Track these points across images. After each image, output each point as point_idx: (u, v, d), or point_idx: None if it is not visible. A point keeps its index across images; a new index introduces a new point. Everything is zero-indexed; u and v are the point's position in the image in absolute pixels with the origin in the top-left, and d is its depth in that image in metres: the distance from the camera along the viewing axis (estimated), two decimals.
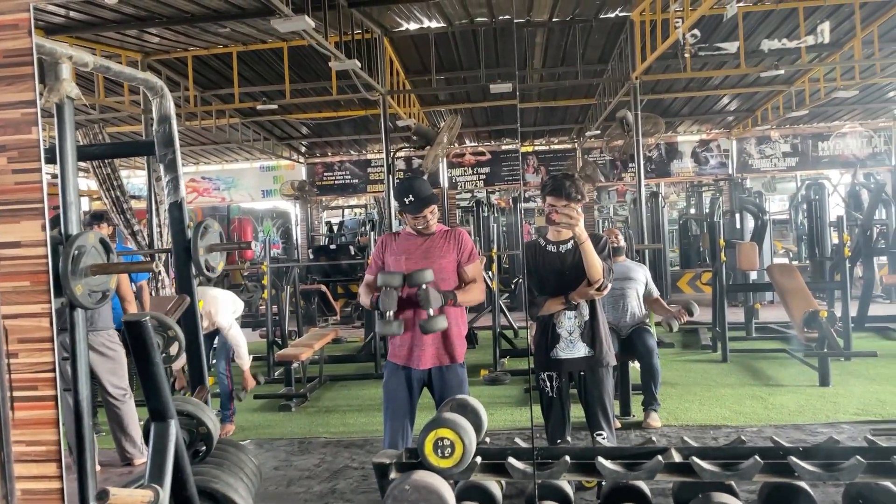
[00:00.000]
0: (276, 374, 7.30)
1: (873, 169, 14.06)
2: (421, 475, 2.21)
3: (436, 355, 3.27)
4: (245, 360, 5.39)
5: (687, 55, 7.75)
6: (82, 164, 8.57)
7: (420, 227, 3.33)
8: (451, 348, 3.30)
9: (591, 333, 3.43)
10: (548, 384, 3.50)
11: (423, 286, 3.10)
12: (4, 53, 1.85)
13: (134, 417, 4.79)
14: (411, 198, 3.26)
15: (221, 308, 5.28)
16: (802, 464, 2.11)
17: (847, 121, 14.69)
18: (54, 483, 1.86)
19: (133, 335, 2.25)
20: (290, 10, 6.13)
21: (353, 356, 8.37)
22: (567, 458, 2.26)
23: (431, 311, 3.10)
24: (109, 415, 4.75)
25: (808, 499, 2.30)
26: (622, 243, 5.49)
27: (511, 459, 2.29)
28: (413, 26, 8.99)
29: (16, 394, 1.86)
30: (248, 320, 10.31)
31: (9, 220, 1.88)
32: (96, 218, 5.56)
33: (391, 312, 3.15)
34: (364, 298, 3.49)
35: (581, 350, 3.44)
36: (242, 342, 5.34)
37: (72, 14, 7.42)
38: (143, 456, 4.68)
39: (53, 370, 1.90)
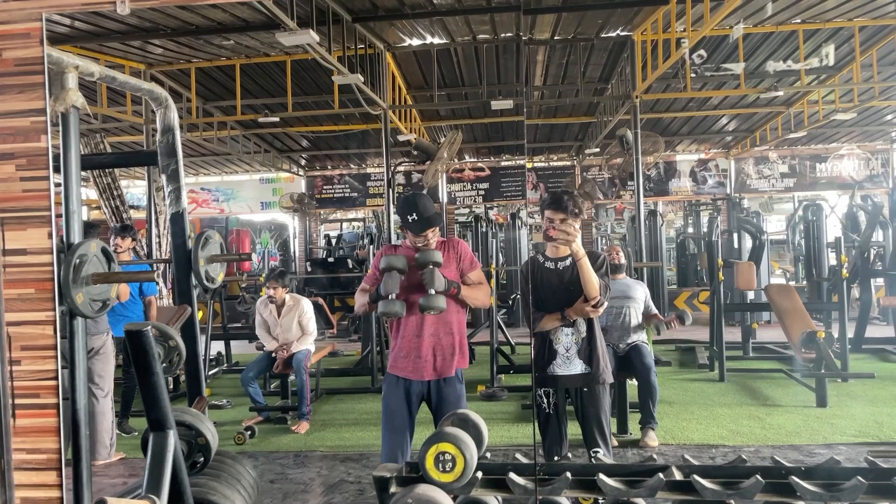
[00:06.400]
0: (272, 386, 7.27)
1: (871, 191, 14.12)
2: (423, 489, 2.20)
3: (438, 365, 3.27)
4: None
5: (693, 74, 7.80)
6: (83, 173, 8.59)
7: (419, 246, 3.32)
8: (453, 357, 3.30)
9: (588, 350, 3.42)
10: (545, 400, 3.49)
11: (430, 266, 3.11)
12: (15, 62, 1.87)
13: (108, 417, 5.00)
14: (415, 216, 3.23)
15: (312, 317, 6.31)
16: (804, 483, 2.11)
17: (845, 143, 14.78)
18: (54, 492, 1.86)
19: (134, 345, 2.24)
20: (295, 24, 6.17)
21: (349, 370, 8.34)
22: (568, 474, 2.26)
23: (433, 291, 3.09)
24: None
25: None
26: (623, 261, 5.49)
27: (512, 475, 2.28)
28: (416, 42, 9.05)
29: (17, 401, 1.85)
30: (245, 332, 10.28)
31: (16, 228, 1.89)
32: (124, 230, 5.63)
33: (393, 294, 3.15)
34: (359, 301, 3.45)
35: (578, 367, 3.43)
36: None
37: (77, 24, 7.46)
38: (109, 458, 4.95)
39: (56, 378, 1.90)
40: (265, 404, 6.24)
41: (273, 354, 6.18)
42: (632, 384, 5.48)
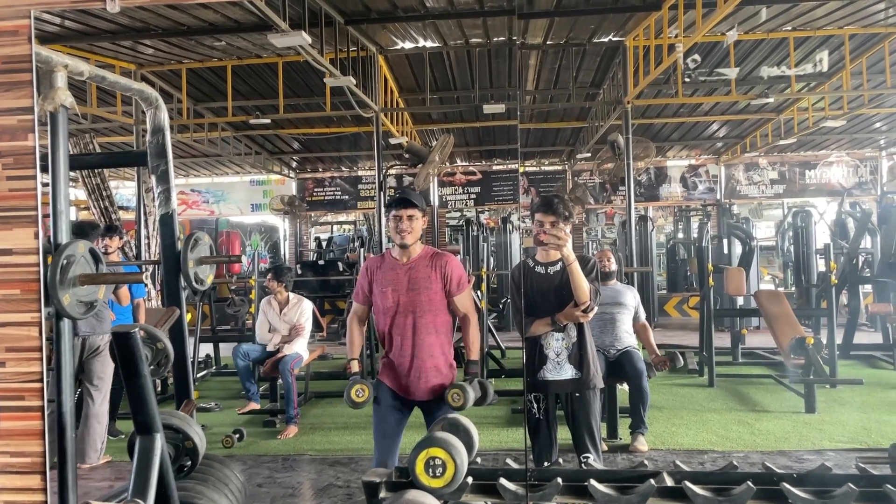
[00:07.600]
0: (260, 389, 7.22)
1: (859, 198, 14.22)
2: (413, 494, 2.18)
3: (426, 390, 3.23)
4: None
5: (686, 79, 7.82)
6: (71, 173, 8.53)
7: (395, 229, 3.21)
8: (441, 376, 3.26)
9: (578, 355, 3.41)
10: (535, 405, 3.47)
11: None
12: (3, 59, 1.84)
13: (103, 421, 4.95)
14: (398, 195, 3.26)
15: (310, 318, 6.46)
16: (795, 490, 2.11)
17: (834, 150, 14.87)
18: (38, 496, 1.83)
19: (122, 347, 2.21)
20: (287, 26, 6.15)
21: (339, 373, 8.29)
22: (559, 479, 2.24)
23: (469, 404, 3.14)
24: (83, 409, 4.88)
25: None
26: (613, 267, 5.47)
27: (503, 480, 2.26)
28: (408, 45, 9.04)
29: (1, 404, 1.82)
30: (234, 335, 10.24)
31: (1, 227, 1.86)
32: (110, 230, 5.58)
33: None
34: (354, 332, 3.45)
35: (568, 372, 3.42)
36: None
37: (67, 23, 7.41)
38: (97, 461, 4.90)
39: (41, 380, 1.87)
40: (254, 384, 6.58)
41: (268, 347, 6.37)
42: (622, 389, 5.48)
